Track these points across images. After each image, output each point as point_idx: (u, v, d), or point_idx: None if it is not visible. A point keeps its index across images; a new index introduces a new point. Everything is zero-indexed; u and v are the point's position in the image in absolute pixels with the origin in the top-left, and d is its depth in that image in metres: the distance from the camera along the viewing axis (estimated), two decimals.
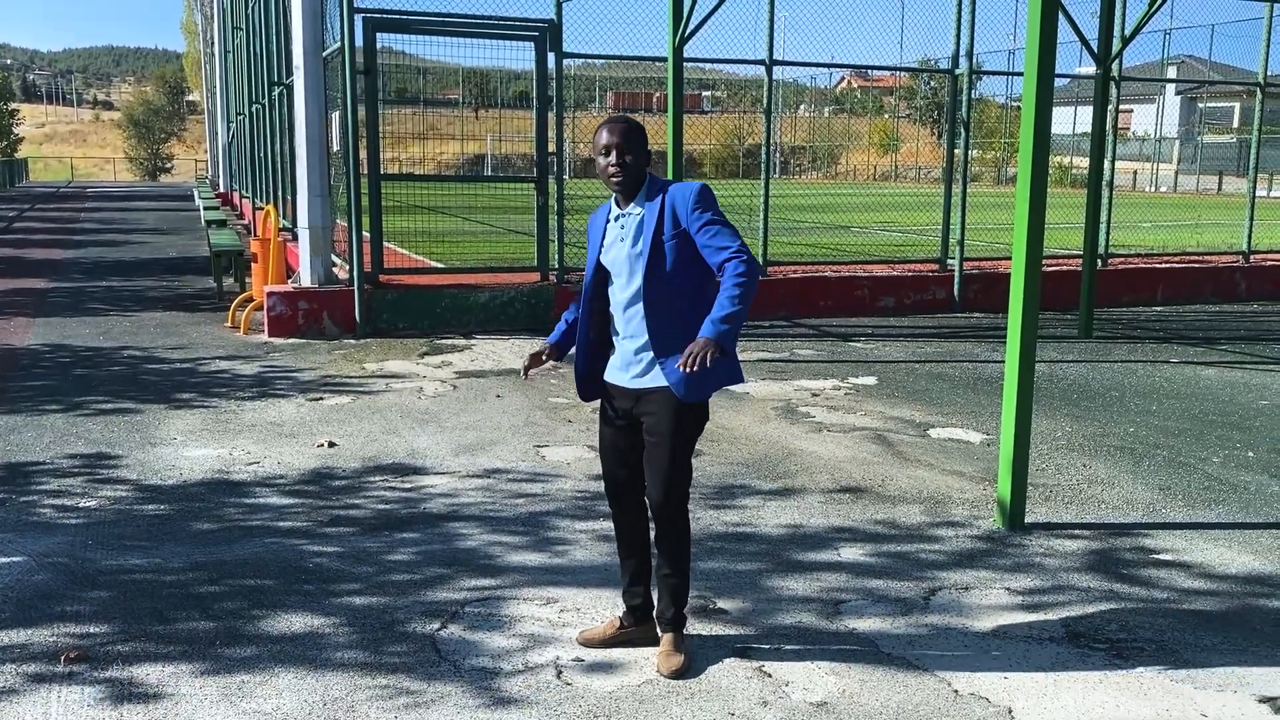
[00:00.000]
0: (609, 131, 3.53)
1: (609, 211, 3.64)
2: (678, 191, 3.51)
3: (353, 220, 9.95)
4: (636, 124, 3.60)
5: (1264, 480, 5.93)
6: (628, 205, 3.57)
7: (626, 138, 3.51)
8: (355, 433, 6.62)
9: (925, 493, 5.61)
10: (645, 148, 3.56)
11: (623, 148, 3.50)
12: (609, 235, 3.61)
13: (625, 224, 3.56)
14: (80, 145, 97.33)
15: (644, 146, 3.56)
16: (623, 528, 3.77)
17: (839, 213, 23.07)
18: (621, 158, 3.50)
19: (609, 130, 3.54)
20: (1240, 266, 13.61)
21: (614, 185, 3.55)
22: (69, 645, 3.74)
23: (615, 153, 3.50)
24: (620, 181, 3.52)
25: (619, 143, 3.51)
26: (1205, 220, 21.96)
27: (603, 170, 3.55)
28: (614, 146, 3.51)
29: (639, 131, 3.57)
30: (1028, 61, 4.96)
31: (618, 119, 3.61)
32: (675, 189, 3.52)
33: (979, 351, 9.67)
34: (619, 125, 3.55)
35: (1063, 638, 3.93)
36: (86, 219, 26.02)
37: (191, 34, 60.45)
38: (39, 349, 9.17)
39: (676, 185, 3.55)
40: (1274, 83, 14.89)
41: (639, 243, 3.50)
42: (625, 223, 3.56)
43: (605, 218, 3.65)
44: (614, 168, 3.51)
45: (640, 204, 3.55)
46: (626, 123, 3.58)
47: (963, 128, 12.10)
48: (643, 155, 3.55)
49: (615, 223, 3.59)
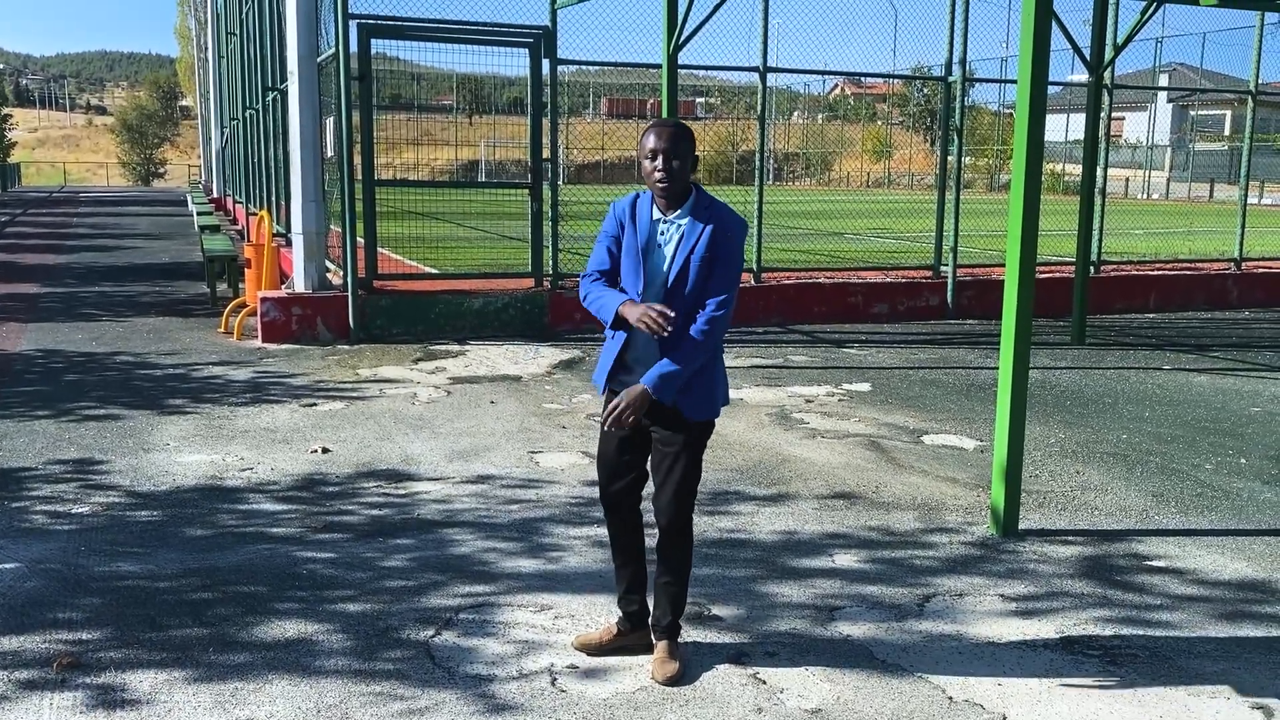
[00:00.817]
0: (656, 135, 3.41)
1: (650, 206, 3.51)
2: (722, 219, 3.43)
3: (347, 226, 9.94)
4: (685, 128, 3.47)
5: (1256, 487, 5.95)
6: (670, 213, 3.47)
7: (675, 143, 3.39)
8: (349, 438, 6.61)
9: (919, 499, 5.62)
10: (692, 153, 3.45)
11: (670, 153, 3.38)
12: (653, 234, 3.49)
13: (666, 233, 3.47)
14: (73, 150, 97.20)
15: (691, 152, 3.45)
16: (619, 535, 3.75)
17: (832, 219, 23.12)
18: (669, 164, 3.39)
19: (656, 134, 3.42)
20: (1232, 274, 13.65)
21: (659, 191, 3.44)
22: (61, 652, 3.73)
23: (663, 158, 3.39)
24: (666, 188, 3.42)
25: (667, 148, 3.38)
26: (1197, 228, 22.04)
27: (648, 174, 3.44)
28: (661, 152, 3.39)
29: (688, 137, 3.45)
30: (1021, 69, 4.98)
31: (666, 122, 3.48)
32: (724, 220, 3.44)
33: (972, 358, 9.69)
34: (667, 130, 3.43)
35: (1056, 644, 3.94)
36: (79, 224, 25.96)
37: (185, 39, 60.39)
38: (31, 354, 9.14)
39: (722, 209, 3.47)
40: (1265, 90, 14.95)
41: (673, 257, 3.44)
42: (667, 232, 3.47)
43: (649, 213, 3.51)
44: (660, 173, 3.40)
45: (684, 215, 3.46)
46: (676, 127, 3.45)
47: (956, 135, 12.13)
48: (690, 161, 3.44)
49: (656, 225, 3.49)
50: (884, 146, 52.27)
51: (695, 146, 3.49)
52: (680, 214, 3.46)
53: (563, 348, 9.78)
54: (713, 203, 3.49)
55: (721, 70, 34.16)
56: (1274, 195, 42.11)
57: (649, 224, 3.51)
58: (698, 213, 3.45)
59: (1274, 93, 19.83)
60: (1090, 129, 10.31)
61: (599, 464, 3.72)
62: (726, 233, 3.43)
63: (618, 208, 3.58)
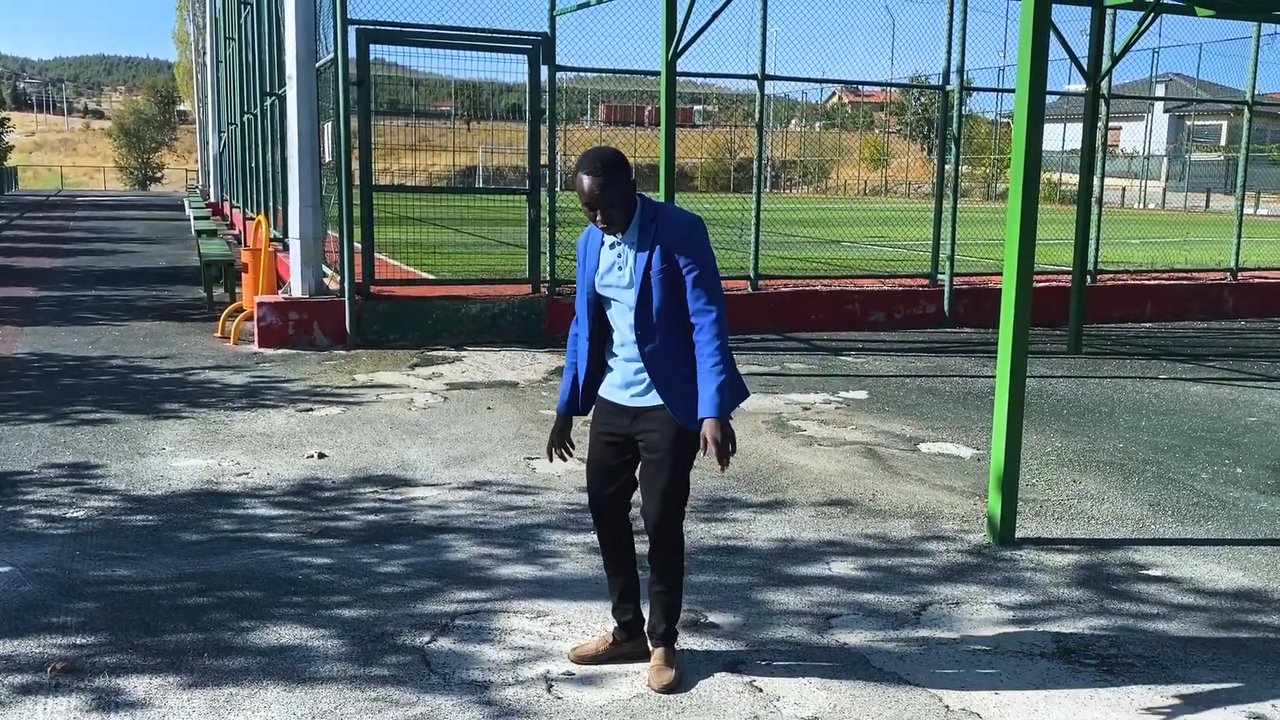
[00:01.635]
0: (587, 184, 3.34)
1: (601, 235, 3.56)
2: (669, 225, 3.43)
3: (344, 231, 9.93)
4: (613, 163, 3.36)
5: (1252, 497, 5.95)
6: (619, 235, 3.49)
7: (606, 189, 3.34)
8: (345, 444, 6.60)
9: (916, 507, 5.62)
10: (627, 185, 3.38)
11: (603, 200, 3.36)
12: (604, 260, 3.54)
13: (620, 252, 3.50)
14: (70, 154, 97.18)
15: (625, 185, 3.37)
16: (609, 544, 3.73)
17: (829, 227, 23.15)
18: (607, 212, 3.39)
19: (587, 182, 3.35)
20: (1228, 284, 13.68)
21: (601, 229, 3.48)
22: (56, 656, 3.72)
23: (600, 212, 3.39)
24: (606, 229, 3.46)
25: (600, 196, 3.35)
26: (1193, 238, 22.09)
27: (591, 219, 3.45)
28: (595, 204, 3.36)
29: (617, 173, 3.36)
30: (1019, 79, 4.99)
31: (594, 166, 3.35)
32: (666, 222, 3.43)
33: (969, 366, 9.69)
34: (596, 179, 3.34)
35: (1053, 653, 3.93)
36: (76, 228, 25.94)
37: (183, 44, 60.41)
38: (26, 358, 9.12)
39: (667, 216, 3.45)
40: (1261, 101, 14.99)
41: (629, 275, 3.47)
42: (620, 251, 3.50)
43: (600, 241, 3.56)
44: (602, 222, 3.43)
45: (632, 237, 3.47)
46: (602, 172, 3.35)
47: (953, 143, 12.15)
48: (625, 197, 3.40)
49: (610, 249, 3.53)
50: (881, 155, 52.35)
51: (629, 170, 3.41)
52: (628, 234, 3.48)
53: (559, 354, 9.77)
54: (657, 212, 3.47)
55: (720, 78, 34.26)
56: (1269, 205, 42.24)
57: (598, 249, 3.57)
58: (644, 229, 3.45)
59: (1271, 103, 19.86)
60: (1087, 138, 10.34)
61: (589, 472, 3.71)
62: (681, 235, 3.42)
63: (579, 246, 3.66)
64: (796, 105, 55.28)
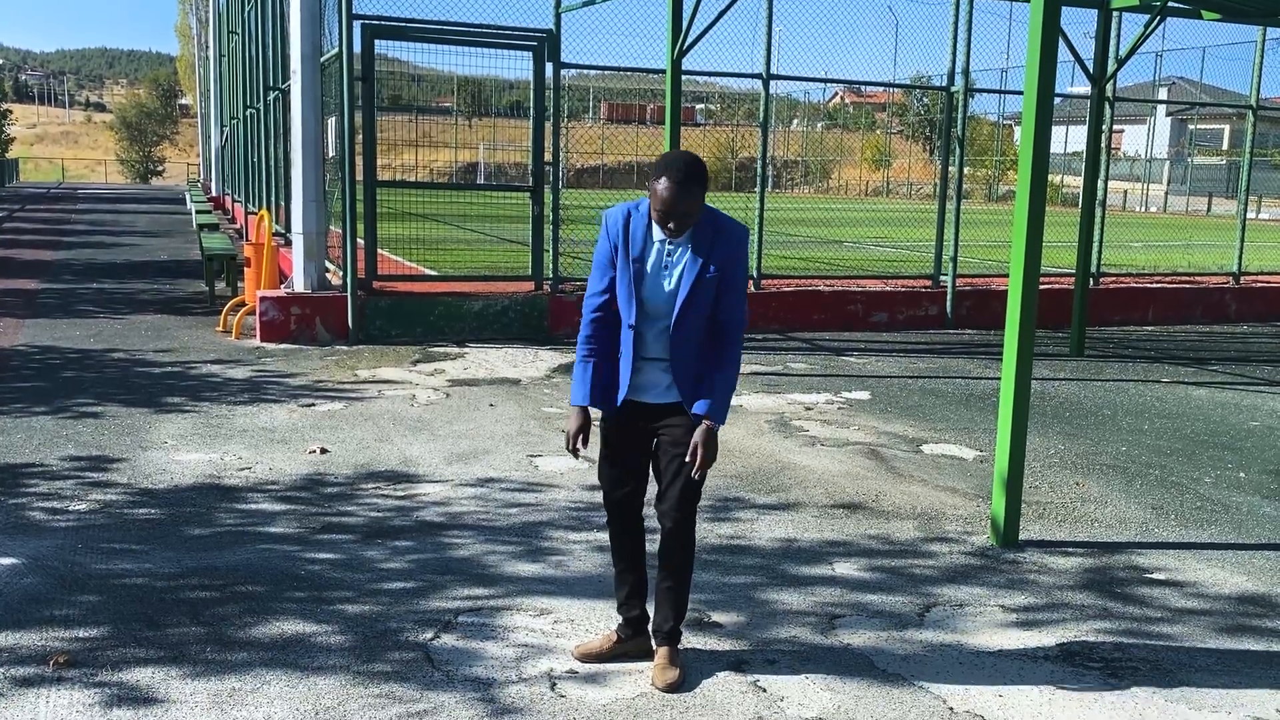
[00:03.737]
0: (668, 193, 3.27)
1: (646, 224, 3.45)
2: (728, 239, 3.41)
3: (347, 226, 9.92)
4: (696, 174, 3.30)
5: (1256, 501, 5.95)
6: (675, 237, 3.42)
7: (684, 201, 3.28)
8: (347, 439, 6.59)
9: (919, 508, 5.61)
10: (703, 196, 3.34)
11: (678, 212, 3.30)
12: (651, 252, 3.44)
13: (673, 255, 3.42)
14: (71, 146, 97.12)
15: (702, 197, 3.34)
16: (624, 541, 3.73)
17: (831, 227, 23.14)
18: (681, 222, 3.33)
19: (668, 191, 3.27)
20: (1230, 288, 13.68)
21: (669, 235, 3.40)
22: (58, 649, 3.71)
23: (672, 220, 3.31)
24: (675, 235, 3.39)
25: (678, 207, 3.28)
26: (1196, 241, 22.08)
27: (659, 223, 3.35)
28: (671, 213, 3.29)
29: (700, 183, 3.31)
30: (1028, 82, 4.98)
31: (678, 172, 3.27)
32: (730, 235, 3.41)
33: (971, 368, 9.69)
34: (678, 188, 3.26)
35: (1057, 656, 3.93)
36: (77, 220, 25.92)
37: (185, 37, 60.36)
38: (28, 350, 9.11)
39: (726, 228, 3.42)
40: (1266, 105, 14.98)
41: (677, 277, 3.41)
42: (674, 254, 3.42)
43: (646, 231, 3.44)
44: (670, 230, 3.36)
45: (688, 240, 3.41)
46: (689, 178, 3.28)
47: (957, 144, 12.14)
48: (700, 207, 3.35)
49: (660, 245, 3.43)
50: (883, 155, 52.34)
51: (707, 183, 3.36)
52: (686, 236, 3.43)
53: (562, 351, 9.76)
54: (716, 220, 3.43)
55: (724, 77, 34.23)
56: (1271, 210, 42.23)
57: (646, 244, 3.44)
58: (702, 232, 3.41)
59: (1274, 108, 19.89)
60: (1092, 141, 10.33)
61: (602, 470, 3.69)
62: (734, 248, 3.44)
63: (610, 226, 3.47)
64: (799, 105, 55.27)
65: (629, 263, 3.44)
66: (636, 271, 3.44)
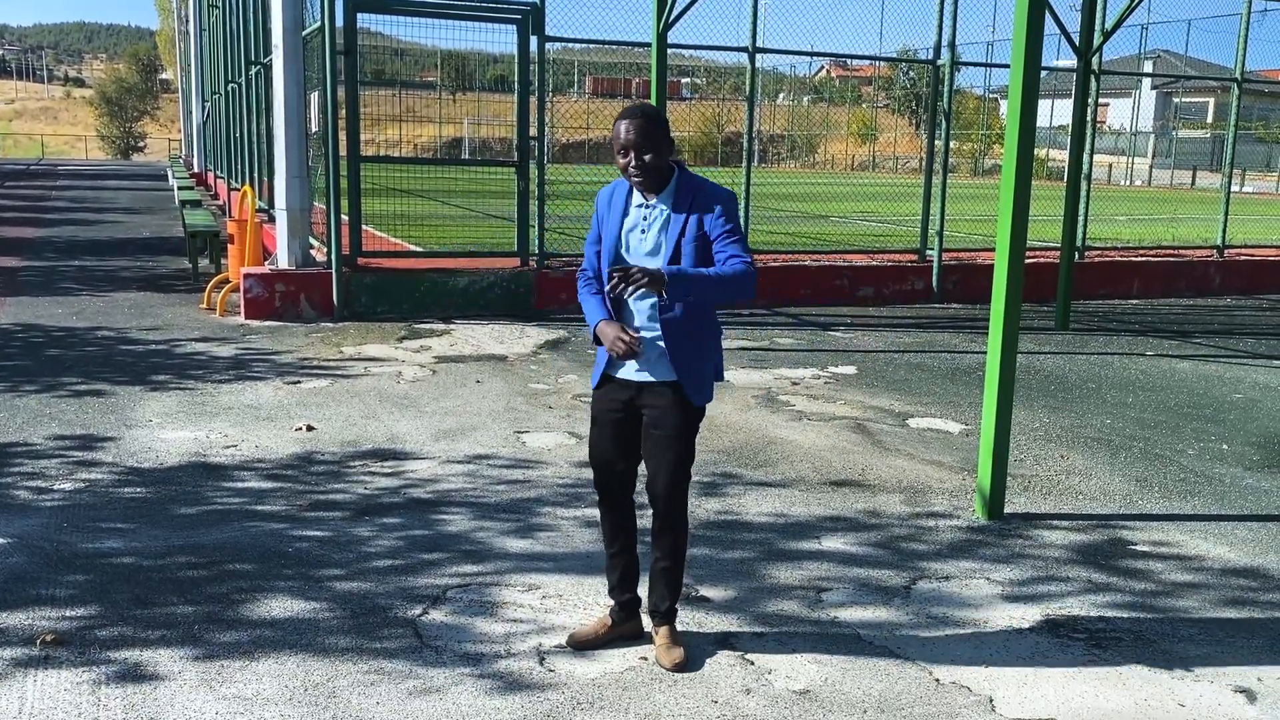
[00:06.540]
0: (626, 129, 3.33)
1: (629, 194, 3.49)
2: (707, 197, 3.39)
3: (331, 202, 9.86)
4: (655, 115, 3.40)
5: (1238, 473, 5.99)
6: (651, 197, 3.44)
7: (645, 135, 3.31)
8: (334, 416, 6.57)
9: (905, 482, 5.64)
10: (665, 139, 3.38)
11: (641, 146, 3.32)
12: (630, 219, 3.46)
13: (649, 217, 3.43)
14: (51, 122, 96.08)
15: (663, 138, 3.37)
16: (615, 520, 3.71)
17: (818, 202, 23.11)
18: (641, 158, 3.34)
19: (626, 127, 3.33)
20: (1214, 261, 13.73)
21: (635, 184, 3.42)
22: (46, 629, 3.70)
23: (634, 154, 3.34)
24: (641, 181, 3.39)
25: (637, 142, 3.31)
26: (1180, 215, 22.15)
27: (623, 169, 3.38)
28: (631, 147, 3.33)
29: (659, 125, 3.36)
30: (1014, 55, 4.97)
31: (635, 112, 3.38)
32: (711, 197, 3.39)
33: (957, 342, 9.72)
34: (636, 122, 3.34)
35: (1042, 628, 3.96)
36: (58, 197, 25.69)
37: (165, 11, 59.66)
38: (10, 328, 9.05)
39: (708, 189, 3.42)
40: (1250, 78, 15.00)
41: (660, 243, 3.40)
42: (649, 216, 3.43)
43: (626, 199, 3.48)
44: (634, 169, 3.36)
45: (667, 200, 3.41)
46: (644, 116, 3.37)
47: (944, 118, 12.12)
48: (665, 149, 3.37)
49: (638, 210, 3.46)
50: (869, 129, 52.26)
51: (669, 129, 3.41)
52: (663, 197, 3.43)
53: (548, 328, 9.75)
54: (695, 181, 3.44)
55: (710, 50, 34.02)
56: (1255, 183, 42.39)
57: (624, 206, 3.48)
58: (681, 194, 3.42)
59: (1259, 80, 19.93)
60: (1078, 114, 10.32)
61: (592, 451, 3.68)
62: (717, 209, 3.39)
63: (599, 203, 3.56)
64: (785, 79, 55.09)
65: (613, 228, 3.49)
66: (615, 237, 3.48)
